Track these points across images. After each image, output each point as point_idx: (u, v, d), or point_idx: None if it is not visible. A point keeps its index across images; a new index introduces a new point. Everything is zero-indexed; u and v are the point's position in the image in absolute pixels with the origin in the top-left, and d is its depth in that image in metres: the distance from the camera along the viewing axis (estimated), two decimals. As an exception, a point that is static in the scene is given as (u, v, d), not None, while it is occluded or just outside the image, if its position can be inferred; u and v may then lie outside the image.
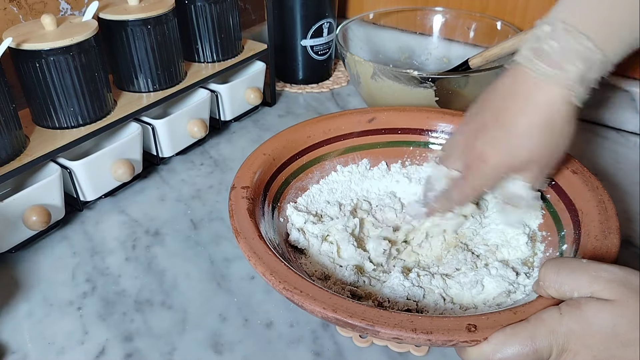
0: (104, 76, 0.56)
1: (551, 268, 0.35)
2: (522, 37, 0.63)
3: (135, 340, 0.43)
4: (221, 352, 0.42)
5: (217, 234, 0.54)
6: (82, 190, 0.56)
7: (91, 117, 0.56)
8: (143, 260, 0.51)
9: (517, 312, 0.35)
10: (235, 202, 0.45)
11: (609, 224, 0.42)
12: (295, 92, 0.82)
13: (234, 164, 0.65)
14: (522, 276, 0.45)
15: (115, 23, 0.57)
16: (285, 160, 0.53)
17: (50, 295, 0.48)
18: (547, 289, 0.35)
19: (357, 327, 0.35)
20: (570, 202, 0.46)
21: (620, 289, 0.31)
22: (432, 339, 0.33)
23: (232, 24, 0.68)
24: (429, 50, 0.81)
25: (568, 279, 0.33)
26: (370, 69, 0.65)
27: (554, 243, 0.46)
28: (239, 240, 0.41)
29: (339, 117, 0.57)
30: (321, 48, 0.81)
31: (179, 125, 0.63)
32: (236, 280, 0.49)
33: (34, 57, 0.50)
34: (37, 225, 0.50)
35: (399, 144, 0.58)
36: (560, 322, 0.32)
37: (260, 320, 0.45)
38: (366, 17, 0.79)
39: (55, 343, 0.43)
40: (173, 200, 0.59)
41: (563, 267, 0.34)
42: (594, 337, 0.31)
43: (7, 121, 0.49)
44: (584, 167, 0.48)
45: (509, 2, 0.73)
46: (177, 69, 0.63)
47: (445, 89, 0.63)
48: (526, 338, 0.33)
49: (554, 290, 0.34)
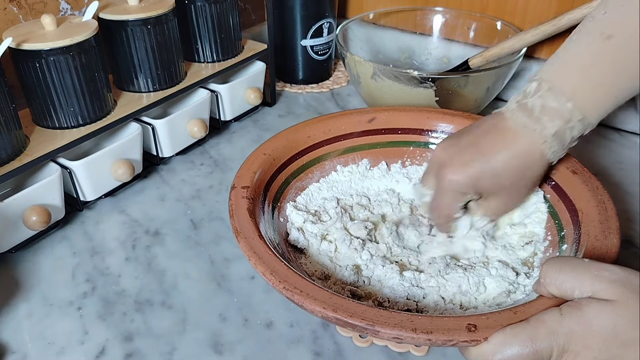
0: (104, 76, 0.56)
1: (553, 266, 0.35)
2: (522, 37, 0.63)
3: (135, 340, 0.43)
4: (221, 352, 0.42)
5: (217, 234, 0.54)
6: (82, 190, 0.56)
7: (91, 117, 0.56)
8: (143, 260, 0.51)
9: (517, 312, 0.35)
10: (235, 202, 0.45)
11: (609, 224, 0.42)
12: (295, 92, 0.82)
13: (234, 164, 0.65)
14: (522, 276, 0.45)
15: (115, 23, 0.57)
16: (286, 160, 0.53)
17: (50, 295, 0.48)
18: (547, 287, 0.35)
19: (357, 326, 0.35)
20: (570, 202, 0.46)
21: (621, 289, 0.31)
22: (432, 339, 0.33)
23: (232, 24, 0.68)
24: (429, 50, 0.81)
25: (569, 277, 0.34)
26: (370, 69, 0.65)
27: (554, 243, 0.46)
28: (239, 240, 0.41)
29: (339, 117, 0.57)
30: (321, 48, 0.81)
31: (179, 125, 0.63)
32: (236, 280, 0.49)
33: (34, 57, 0.50)
34: (37, 225, 0.50)
35: (399, 144, 0.58)
36: (561, 323, 0.32)
37: (260, 320, 0.45)
38: (366, 17, 0.79)
39: (55, 343, 0.43)
40: (173, 200, 0.59)
41: (565, 266, 0.34)
42: (595, 337, 0.31)
43: (7, 121, 0.49)
44: (584, 167, 0.48)
45: (509, 2, 0.73)
46: (177, 69, 0.63)
47: (445, 89, 0.63)
48: (526, 339, 0.33)
49: (554, 288, 0.34)
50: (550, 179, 0.49)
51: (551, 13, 0.69)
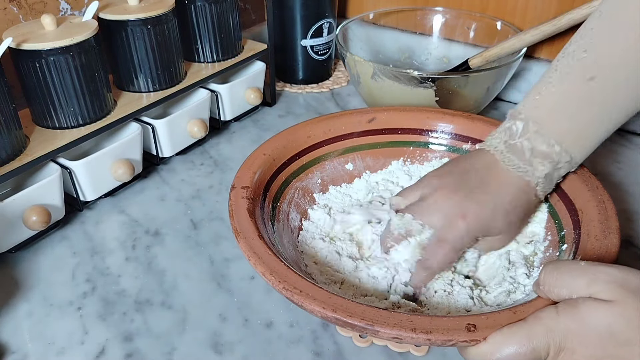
0: (104, 76, 0.56)
1: (550, 273, 0.35)
2: (522, 37, 0.63)
3: (135, 340, 0.43)
4: (221, 352, 0.42)
5: (217, 234, 0.54)
6: (82, 190, 0.56)
7: (91, 117, 0.56)
8: (143, 260, 0.51)
9: (517, 312, 0.35)
10: (235, 202, 0.45)
11: (609, 224, 0.42)
12: (295, 92, 0.82)
13: (234, 164, 0.65)
14: (522, 276, 0.45)
15: (115, 23, 0.57)
16: (286, 160, 0.53)
17: (50, 295, 0.48)
18: (547, 294, 0.35)
19: (356, 326, 0.35)
20: (570, 202, 0.46)
21: (619, 290, 0.31)
22: (432, 339, 0.33)
23: (232, 24, 0.68)
24: (429, 50, 0.81)
25: (566, 283, 0.34)
26: (370, 69, 0.65)
27: (554, 243, 0.46)
28: (238, 240, 0.41)
29: (339, 117, 0.57)
30: (321, 48, 0.81)
31: (179, 125, 0.63)
32: (236, 280, 0.49)
33: (34, 57, 0.51)
34: (37, 225, 0.50)
35: (399, 144, 0.58)
36: (557, 320, 0.33)
37: (260, 320, 0.45)
38: (366, 17, 0.79)
39: (55, 343, 0.43)
40: (173, 200, 0.59)
41: (562, 271, 0.34)
42: (590, 335, 0.31)
43: (7, 121, 0.49)
44: (584, 167, 0.48)
45: (509, 2, 0.73)
46: (177, 69, 0.64)
47: (445, 89, 0.63)
48: (523, 337, 0.33)
49: (554, 295, 0.34)
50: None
51: (551, 13, 0.69)
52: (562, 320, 0.32)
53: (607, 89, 0.42)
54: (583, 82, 0.43)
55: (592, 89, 0.42)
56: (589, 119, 0.43)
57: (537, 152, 0.44)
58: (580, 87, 0.43)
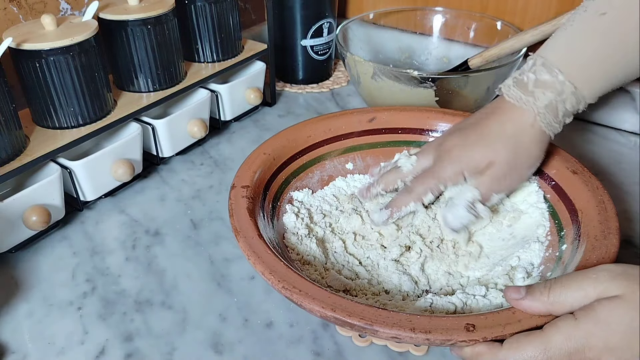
0: (104, 76, 0.56)
1: (555, 290, 0.34)
2: (522, 37, 0.63)
3: (135, 340, 0.43)
4: (221, 352, 0.42)
5: (217, 234, 0.54)
6: (82, 190, 0.56)
7: (91, 117, 0.56)
8: (143, 260, 0.51)
9: (516, 312, 0.35)
10: (235, 201, 0.45)
11: (608, 224, 0.42)
12: (295, 92, 0.82)
13: (234, 164, 0.65)
14: (522, 276, 0.45)
15: (115, 23, 0.57)
16: (286, 159, 0.53)
17: (50, 295, 0.48)
18: (561, 310, 0.34)
19: (355, 326, 0.35)
20: (570, 202, 0.46)
21: (625, 283, 0.32)
22: (431, 339, 0.33)
23: (232, 24, 0.69)
24: (429, 50, 0.81)
25: (573, 292, 0.33)
26: (370, 69, 0.65)
27: (554, 243, 0.46)
28: (238, 239, 0.41)
29: (339, 117, 0.57)
30: (321, 48, 0.81)
31: (179, 125, 0.63)
32: (236, 280, 0.49)
33: (34, 57, 0.51)
34: (37, 225, 0.50)
35: (399, 144, 0.58)
36: (577, 326, 0.32)
37: (260, 320, 0.45)
38: (366, 17, 0.79)
39: (55, 343, 0.43)
40: (173, 200, 0.59)
41: (565, 284, 0.34)
42: (615, 335, 0.31)
43: (7, 121, 0.49)
44: (584, 167, 0.48)
45: (509, 2, 0.73)
46: (177, 69, 0.64)
47: (445, 89, 0.63)
48: (539, 346, 0.33)
49: (568, 307, 0.34)
50: (550, 179, 0.49)
51: (551, 13, 0.69)
52: (582, 325, 0.32)
53: (616, 24, 0.43)
54: (595, 17, 0.43)
55: (600, 22, 0.43)
56: (594, 50, 0.44)
57: (540, 82, 0.45)
58: (589, 22, 0.44)
